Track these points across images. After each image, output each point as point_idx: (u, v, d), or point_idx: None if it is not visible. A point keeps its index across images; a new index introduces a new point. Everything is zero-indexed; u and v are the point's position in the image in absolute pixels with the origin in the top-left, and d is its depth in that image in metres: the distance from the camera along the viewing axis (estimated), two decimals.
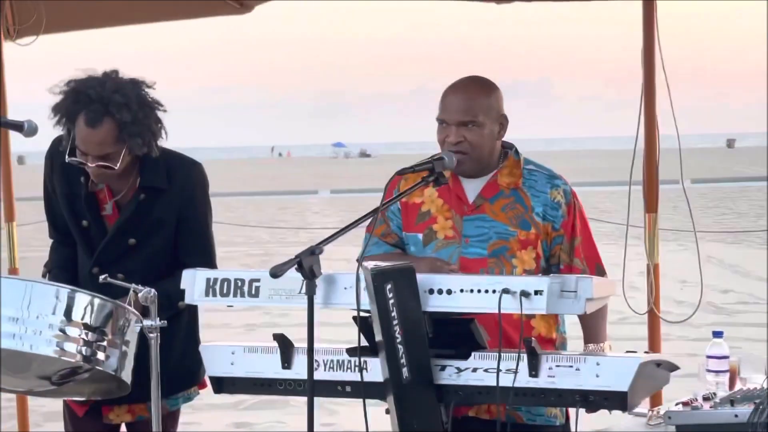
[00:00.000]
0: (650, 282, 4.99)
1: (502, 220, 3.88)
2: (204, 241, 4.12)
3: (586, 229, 3.97)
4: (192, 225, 4.08)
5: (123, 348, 3.60)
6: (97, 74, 3.94)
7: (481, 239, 3.87)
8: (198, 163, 4.15)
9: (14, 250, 5.44)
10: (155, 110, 3.96)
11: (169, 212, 4.03)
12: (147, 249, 4.03)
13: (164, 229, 4.04)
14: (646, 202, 4.97)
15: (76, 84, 3.89)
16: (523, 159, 3.98)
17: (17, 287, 3.50)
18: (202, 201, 4.11)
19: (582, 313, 3.26)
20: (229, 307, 3.55)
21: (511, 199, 3.90)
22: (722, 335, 3.78)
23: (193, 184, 4.09)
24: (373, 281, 3.26)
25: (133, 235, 4.02)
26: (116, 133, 3.84)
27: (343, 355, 3.46)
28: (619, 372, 3.21)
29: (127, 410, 4.13)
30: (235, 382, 3.59)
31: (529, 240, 3.87)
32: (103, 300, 3.56)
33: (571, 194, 3.94)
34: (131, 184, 4.02)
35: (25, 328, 3.43)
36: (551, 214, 3.89)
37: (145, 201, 4.01)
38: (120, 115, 3.82)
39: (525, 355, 3.27)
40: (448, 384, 3.36)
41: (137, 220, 4.01)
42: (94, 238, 4.04)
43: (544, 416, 3.87)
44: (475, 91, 3.90)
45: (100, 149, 3.85)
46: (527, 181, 3.92)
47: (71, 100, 3.86)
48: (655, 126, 4.96)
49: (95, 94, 3.83)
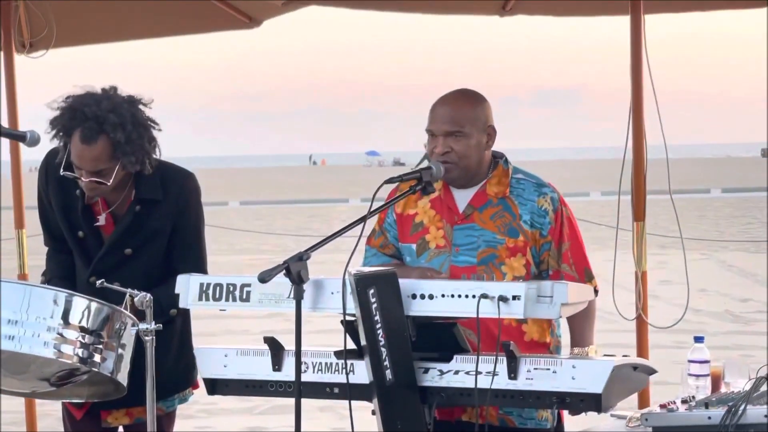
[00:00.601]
0: (638, 289, 5.08)
1: (490, 228, 3.98)
2: (197, 250, 4.24)
3: (575, 234, 4.05)
4: (186, 234, 4.21)
5: (119, 351, 3.71)
6: (96, 92, 4.06)
7: (470, 248, 3.98)
8: (191, 173, 4.28)
9: (24, 256, 5.58)
10: (150, 129, 4.09)
11: (165, 222, 4.16)
12: (142, 258, 4.16)
13: (159, 239, 4.17)
14: (633, 211, 5.07)
15: (73, 101, 4.02)
16: (512, 168, 4.08)
17: (17, 290, 3.62)
18: (195, 211, 4.24)
19: (557, 317, 3.37)
20: (221, 310, 3.69)
21: (499, 207, 4.00)
22: (703, 340, 3.87)
23: (187, 195, 4.21)
24: (356, 286, 3.38)
25: (129, 246, 4.15)
26: (110, 151, 3.97)
27: (330, 358, 3.58)
28: (593, 374, 3.32)
29: (125, 413, 4.25)
30: (228, 384, 3.72)
31: (517, 247, 3.96)
32: (100, 304, 3.68)
33: (558, 201, 4.02)
34: (126, 196, 4.15)
35: (24, 331, 3.55)
36: (538, 221, 3.99)
37: (141, 212, 4.14)
38: (114, 134, 3.94)
39: (504, 358, 3.38)
40: (431, 386, 3.48)
41: (133, 230, 4.14)
42: (91, 248, 4.17)
43: (534, 419, 3.96)
44: (462, 102, 4.02)
45: (94, 165, 3.98)
46: (515, 189, 4.02)
47: (68, 116, 3.99)
48: (643, 136, 5.06)
49: (91, 113, 3.95)
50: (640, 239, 5.03)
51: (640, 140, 5.06)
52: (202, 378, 3.76)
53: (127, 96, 4.09)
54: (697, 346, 3.85)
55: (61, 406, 4.35)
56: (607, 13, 5.77)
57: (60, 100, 4.06)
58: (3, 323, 3.54)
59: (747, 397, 3.39)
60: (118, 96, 4.07)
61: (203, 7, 5.76)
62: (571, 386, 3.34)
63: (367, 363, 3.43)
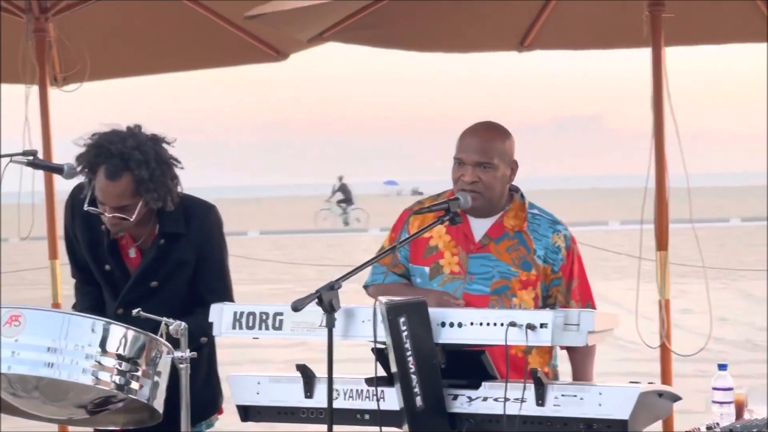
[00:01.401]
0: (662, 317, 5.15)
1: (505, 260, 4.10)
2: (223, 279, 4.36)
3: (582, 272, 4.22)
4: (211, 265, 4.32)
5: (155, 378, 3.80)
6: (121, 129, 4.18)
7: (484, 277, 4.09)
8: (213, 206, 4.40)
9: (57, 286, 5.69)
10: (172, 167, 4.20)
11: (189, 254, 4.27)
12: (168, 290, 4.27)
13: (184, 271, 4.28)
14: (657, 240, 5.15)
15: (99, 138, 4.14)
16: (528, 203, 4.21)
17: (55, 319, 3.71)
18: (219, 242, 4.36)
19: (584, 345, 3.43)
20: (254, 339, 3.76)
21: (515, 240, 4.13)
22: (726, 368, 3.93)
23: (210, 227, 4.32)
24: (387, 315, 3.45)
25: (154, 278, 4.26)
26: (134, 187, 4.08)
27: (361, 385, 3.66)
28: (620, 401, 3.38)
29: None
30: (261, 411, 3.80)
31: (529, 281, 4.09)
32: (137, 332, 3.78)
33: (570, 239, 4.19)
34: (150, 230, 4.26)
35: (63, 358, 3.63)
36: (551, 257, 4.12)
37: (165, 245, 4.24)
38: (138, 172, 4.06)
39: (532, 384, 3.46)
40: (460, 412, 3.55)
41: (158, 263, 4.25)
42: (118, 281, 4.29)
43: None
44: (493, 135, 4.13)
45: (118, 201, 4.09)
46: (531, 224, 4.15)
47: (94, 153, 4.11)
48: (665, 166, 5.15)
49: (116, 150, 4.07)
50: (664, 267, 5.11)
51: (662, 170, 5.14)
52: (236, 405, 3.83)
53: (151, 134, 4.21)
54: (721, 374, 3.90)
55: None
56: (624, 46, 5.87)
57: (86, 137, 4.18)
58: (42, 351, 3.63)
59: None
60: (143, 134, 4.19)
61: (233, 41, 5.88)
62: (598, 412, 3.40)
63: (398, 389, 3.48)
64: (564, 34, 5.87)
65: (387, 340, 3.47)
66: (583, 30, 5.87)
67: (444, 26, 5.77)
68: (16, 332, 3.63)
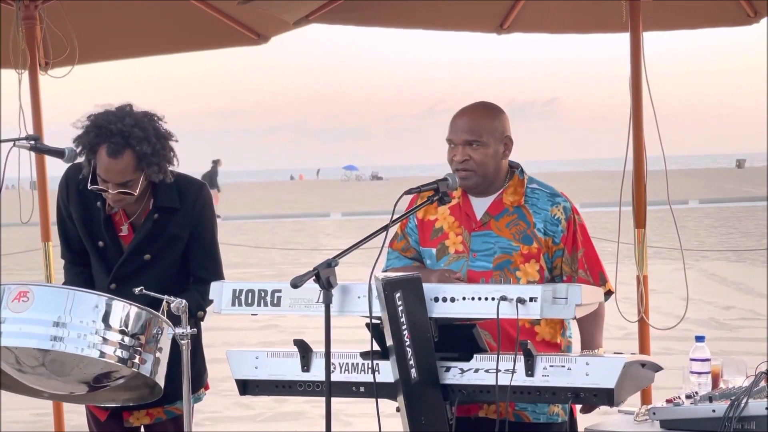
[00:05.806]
0: (640, 292, 5.32)
1: (506, 236, 4.21)
2: (215, 257, 4.51)
3: (588, 241, 4.28)
4: (203, 241, 4.46)
5: (157, 354, 3.93)
6: (115, 109, 4.30)
7: (487, 254, 4.20)
8: (205, 184, 4.56)
9: (51, 268, 5.80)
10: (169, 141, 4.34)
11: (182, 229, 4.40)
12: (160, 263, 4.39)
13: (177, 245, 4.41)
14: (635, 219, 5.32)
15: (96, 118, 4.26)
16: (527, 178, 4.31)
17: (60, 294, 3.85)
18: (210, 220, 4.51)
19: (572, 318, 3.59)
20: (253, 315, 3.89)
21: (514, 216, 4.23)
22: (704, 339, 4.09)
23: (203, 204, 4.46)
24: (383, 290, 3.59)
25: (148, 251, 4.38)
26: (135, 163, 4.21)
27: (357, 359, 3.79)
28: (606, 370, 3.54)
29: (145, 413, 4.48)
30: (259, 385, 3.93)
31: (531, 254, 4.19)
32: (139, 308, 3.91)
33: (570, 210, 4.26)
34: (144, 206, 4.39)
35: (69, 332, 3.77)
36: (551, 229, 4.21)
37: (159, 219, 4.37)
38: (140, 147, 4.19)
39: (522, 356, 3.61)
40: (453, 383, 3.69)
41: (152, 237, 4.37)
42: (111, 256, 4.40)
43: (546, 414, 4.17)
44: (481, 113, 4.24)
45: (122, 177, 4.22)
46: (530, 199, 4.25)
47: (94, 133, 4.23)
48: (643, 148, 5.31)
49: (116, 129, 4.19)
50: (642, 245, 5.29)
51: (640, 152, 5.30)
52: (234, 379, 3.95)
53: (143, 111, 4.32)
54: (699, 345, 4.05)
55: (86, 409, 4.55)
56: (603, 30, 6.01)
57: (84, 119, 4.29)
58: (49, 325, 3.76)
59: (748, 391, 3.61)
60: (137, 112, 4.31)
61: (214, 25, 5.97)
62: (585, 382, 3.55)
63: (393, 362, 3.62)
64: (543, 17, 5.99)
65: (383, 314, 3.60)
66: (561, 14, 5.98)
67: (426, 6, 5.88)
68: (25, 307, 3.76)
